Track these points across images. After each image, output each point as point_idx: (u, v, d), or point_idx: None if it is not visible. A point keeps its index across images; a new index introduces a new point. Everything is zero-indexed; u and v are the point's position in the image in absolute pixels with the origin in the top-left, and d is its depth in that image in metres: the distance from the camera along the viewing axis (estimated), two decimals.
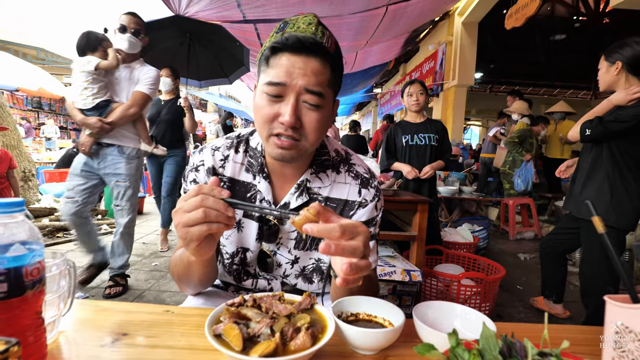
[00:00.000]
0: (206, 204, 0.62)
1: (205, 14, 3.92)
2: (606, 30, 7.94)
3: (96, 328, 0.69)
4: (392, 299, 2.27)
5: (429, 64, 7.79)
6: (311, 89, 0.75)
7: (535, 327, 0.78)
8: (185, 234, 0.63)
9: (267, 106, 0.77)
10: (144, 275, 3.15)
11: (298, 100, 0.76)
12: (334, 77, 0.79)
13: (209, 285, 0.90)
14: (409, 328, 0.68)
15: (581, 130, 2.12)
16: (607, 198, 2.08)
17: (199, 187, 0.64)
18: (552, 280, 2.66)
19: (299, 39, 0.73)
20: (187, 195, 0.64)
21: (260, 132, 0.80)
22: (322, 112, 0.79)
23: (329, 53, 0.77)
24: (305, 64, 0.74)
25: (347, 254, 0.60)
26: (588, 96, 14.12)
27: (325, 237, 0.59)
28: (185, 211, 0.62)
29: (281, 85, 0.74)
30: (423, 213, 2.43)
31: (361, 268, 0.60)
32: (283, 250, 0.94)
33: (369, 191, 0.92)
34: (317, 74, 0.75)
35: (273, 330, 0.59)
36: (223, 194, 0.64)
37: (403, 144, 3.18)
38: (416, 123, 3.18)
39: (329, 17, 4.10)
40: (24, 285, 0.51)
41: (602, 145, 2.10)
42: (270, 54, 0.76)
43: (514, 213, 5.04)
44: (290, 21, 0.79)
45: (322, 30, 0.78)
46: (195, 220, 0.62)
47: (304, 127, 0.78)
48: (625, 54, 2.00)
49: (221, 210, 0.63)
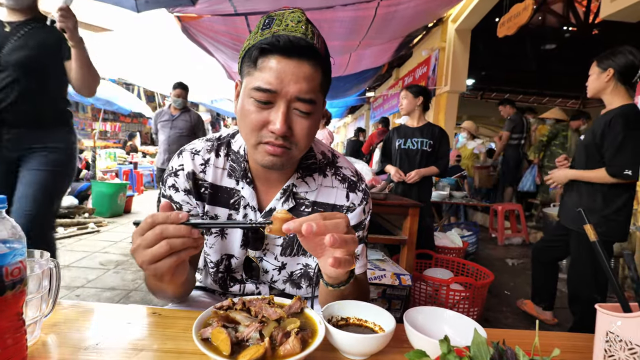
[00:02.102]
0: (167, 234, 0.57)
1: (197, 9, 3.88)
2: (595, 41, 8.09)
3: (79, 330, 0.67)
4: (381, 303, 2.27)
5: (421, 69, 7.83)
6: (303, 96, 0.72)
7: (525, 334, 0.78)
8: (153, 271, 0.59)
9: (256, 112, 0.73)
10: (131, 275, 3.10)
11: (289, 107, 0.72)
12: (324, 80, 0.77)
13: (186, 295, 0.87)
14: (399, 333, 0.68)
15: (619, 172, 1.99)
16: (599, 208, 2.10)
17: (152, 217, 0.59)
18: (542, 286, 2.68)
19: (291, 40, 0.69)
20: (140, 228, 0.59)
21: (248, 138, 0.77)
22: (313, 119, 0.76)
23: (320, 55, 0.73)
24: (297, 68, 0.70)
25: (330, 230, 0.60)
26: (577, 105, 14.37)
27: (317, 222, 0.59)
28: (146, 247, 0.58)
29: (271, 93, 0.71)
30: (414, 217, 2.44)
31: (346, 241, 0.60)
32: (269, 257, 0.91)
33: (356, 195, 0.90)
34: (309, 79, 0.72)
35: (262, 335, 0.58)
36: (181, 217, 0.59)
37: (396, 147, 3.19)
38: (412, 127, 3.17)
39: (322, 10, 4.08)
40: (3, 285, 0.49)
41: (596, 157, 2.12)
42: (259, 55, 0.71)
43: (502, 219, 5.09)
44: (276, 17, 0.73)
45: (311, 29, 0.74)
46: (160, 255, 0.57)
47: (294, 135, 0.75)
48: (617, 61, 2.02)
49: (186, 236, 0.59)
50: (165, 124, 4.40)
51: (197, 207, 0.88)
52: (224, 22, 4.35)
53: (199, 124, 4.52)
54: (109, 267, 3.28)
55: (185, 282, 0.76)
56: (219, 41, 4.80)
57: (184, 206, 0.87)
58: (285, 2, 3.72)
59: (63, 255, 3.46)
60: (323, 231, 0.59)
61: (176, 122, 4.37)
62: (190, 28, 4.37)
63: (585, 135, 2.22)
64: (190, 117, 4.44)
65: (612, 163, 1.99)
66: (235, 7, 3.88)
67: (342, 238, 0.59)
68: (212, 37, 4.68)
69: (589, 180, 2.13)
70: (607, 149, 2.01)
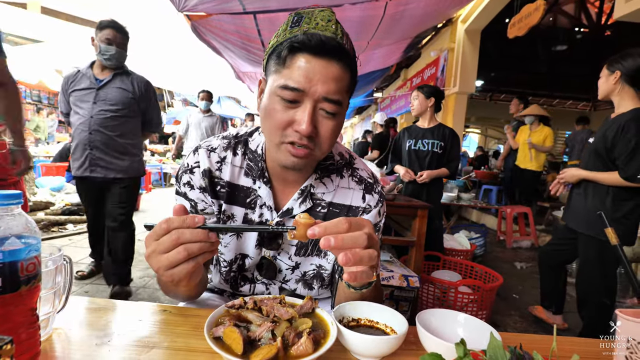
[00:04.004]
0: (184, 239, 0.56)
1: (205, 7, 3.87)
2: (607, 42, 7.99)
3: (91, 326, 0.68)
4: (389, 304, 2.24)
5: (430, 70, 7.79)
6: (330, 97, 0.71)
7: (539, 338, 0.77)
8: (170, 277, 0.58)
9: (281, 111, 0.71)
10: (139, 273, 3.12)
11: (315, 107, 0.71)
12: (352, 81, 0.76)
13: (199, 295, 0.86)
14: (409, 335, 0.67)
15: (633, 176, 1.96)
16: (609, 211, 2.07)
17: (167, 223, 0.57)
18: (550, 290, 2.65)
19: (322, 40, 0.68)
20: (155, 232, 0.57)
21: (271, 137, 0.76)
22: (338, 120, 0.75)
23: (349, 56, 0.72)
24: (325, 69, 0.69)
25: (348, 245, 0.58)
26: (588, 107, 14.20)
27: (335, 237, 0.58)
28: (162, 252, 0.56)
29: (299, 92, 0.69)
30: (422, 219, 2.42)
31: (361, 257, 0.59)
32: (284, 256, 0.91)
33: (372, 197, 0.89)
34: (337, 80, 0.71)
35: (274, 335, 0.58)
36: (197, 220, 0.58)
37: (406, 147, 3.15)
38: (424, 128, 3.12)
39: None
40: (18, 280, 0.49)
41: (605, 160, 2.09)
42: (288, 53, 0.70)
43: (511, 221, 5.04)
44: (305, 14, 0.72)
45: (341, 29, 0.73)
46: (177, 261, 0.56)
47: (319, 136, 0.74)
48: (625, 64, 2.01)
49: (203, 240, 0.57)
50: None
51: (212, 205, 0.87)
52: (233, 21, 4.35)
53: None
54: None
55: (200, 283, 0.76)
56: (227, 40, 4.81)
57: (199, 204, 0.86)
58: (294, 1, 3.70)
59: (72, 252, 3.49)
60: (340, 246, 0.58)
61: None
62: (199, 27, 4.38)
63: (595, 138, 2.19)
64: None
65: (626, 167, 1.96)
66: (244, 6, 3.88)
67: (356, 256, 0.58)
68: (221, 37, 4.69)
69: (601, 182, 2.11)
70: (621, 153, 1.99)
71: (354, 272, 0.59)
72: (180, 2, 3.65)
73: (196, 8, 3.91)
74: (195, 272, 0.59)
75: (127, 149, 2.59)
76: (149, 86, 2.69)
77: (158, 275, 0.68)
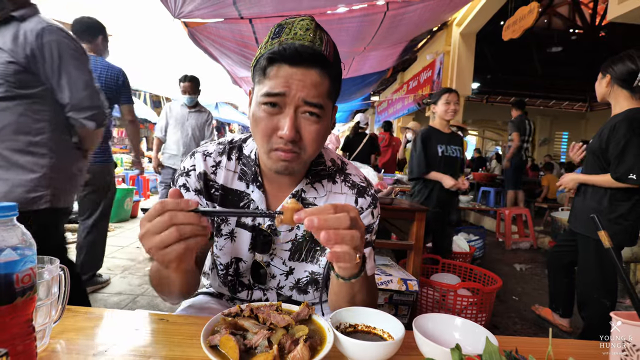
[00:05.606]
0: (177, 220, 0.57)
1: (201, 13, 3.88)
2: (602, 43, 8.05)
3: (88, 336, 0.67)
4: (388, 308, 2.25)
5: (426, 73, 7.83)
6: (310, 100, 0.73)
7: (536, 342, 0.77)
8: (162, 257, 0.58)
9: (266, 119, 0.74)
10: (137, 280, 3.11)
11: (297, 112, 0.74)
12: (333, 86, 0.78)
13: (191, 293, 0.86)
14: (407, 340, 0.67)
15: (623, 176, 1.97)
16: (606, 212, 2.08)
17: (161, 204, 0.58)
18: (558, 292, 2.64)
19: (298, 50, 0.71)
20: (149, 214, 0.58)
21: (261, 146, 0.79)
22: (322, 124, 0.77)
23: (328, 63, 0.74)
24: (304, 75, 0.72)
25: (331, 226, 0.59)
26: (584, 108, 14.28)
27: (318, 217, 0.59)
28: (155, 233, 0.57)
29: (279, 95, 0.72)
30: (420, 222, 2.42)
31: (343, 237, 0.60)
32: (277, 262, 0.91)
33: (365, 199, 0.91)
34: (317, 85, 0.73)
35: (271, 342, 0.58)
36: (191, 204, 0.59)
37: (439, 153, 2.99)
38: (447, 133, 3.04)
39: (329, 21, 4.10)
40: (14, 292, 0.49)
41: (602, 162, 2.11)
42: (267, 65, 0.73)
43: (509, 223, 5.05)
44: (286, 25, 0.75)
45: (319, 35, 0.75)
46: (169, 241, 0.57)
47: (302, 140, 0.76)
48: (616, 68, 2.05)
49: (195, 223, 0.58)
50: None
51: (206, 207, 0.89)
52: (229, 27, 4.37)
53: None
54: (116, 272, 3.29)
55: (191, 274, 0.77)
56: (224, 46, 4.83)
57: None
58: (290, 5, 3.72)
59: None
60: (323, 225, 0.59)
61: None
62: (197, 34, 4.41)
63: (592, 140, 2.21)
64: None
65: (617, 167, 1.98)
66: (240, 12, 3.90)
67: (338, 234, 0.59)
68: (218, 43, 4.71)
69: (596, 184, 2.12)
70: (612, 153, 2.01)
71: (336, 252, 0.60)
72: (176, 9, 3.66)
73: (192, 14, 3.92)
74: (185, 254, 0.60)
75: (7, 158, 1.42)
76: (53, 34, 1.43)
77: (149, 271, 0.70)
